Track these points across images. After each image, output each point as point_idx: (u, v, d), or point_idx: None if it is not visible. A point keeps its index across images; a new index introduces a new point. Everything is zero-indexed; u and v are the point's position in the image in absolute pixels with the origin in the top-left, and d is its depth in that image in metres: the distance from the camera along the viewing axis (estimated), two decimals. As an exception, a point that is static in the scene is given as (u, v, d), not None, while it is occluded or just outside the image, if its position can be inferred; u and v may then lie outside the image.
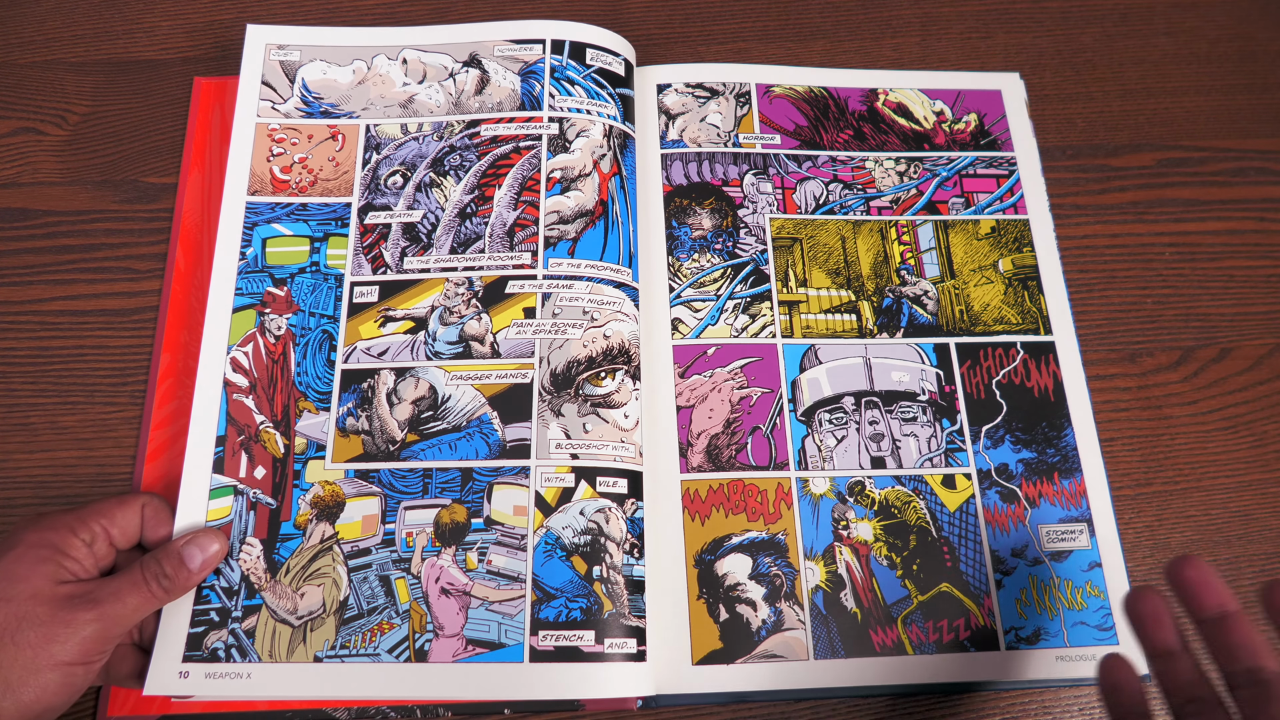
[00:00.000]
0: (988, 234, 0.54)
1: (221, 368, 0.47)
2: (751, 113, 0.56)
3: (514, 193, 0.50)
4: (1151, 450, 0.50)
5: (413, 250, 0.49)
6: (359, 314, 0.48)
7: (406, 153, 0.51)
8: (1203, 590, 0.36)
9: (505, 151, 0.51)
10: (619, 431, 0.46)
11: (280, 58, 0.54)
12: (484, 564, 0.44)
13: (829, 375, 0.50)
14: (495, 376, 0.47)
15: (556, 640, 0.42)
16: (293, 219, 0.50)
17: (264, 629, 0.43)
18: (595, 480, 0.45)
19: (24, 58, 0.57)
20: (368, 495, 0.45)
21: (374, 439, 0.46)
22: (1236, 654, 0.35)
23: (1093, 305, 0.53)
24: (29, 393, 0.49)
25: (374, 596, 0.43)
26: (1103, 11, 0.61)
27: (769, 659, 0.44)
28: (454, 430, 0.46)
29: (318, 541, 0.44)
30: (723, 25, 0.60)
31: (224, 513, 0.44)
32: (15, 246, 0.52)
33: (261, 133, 0.52)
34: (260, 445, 0.46)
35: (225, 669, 0.42)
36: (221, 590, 0.43)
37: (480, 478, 0.45)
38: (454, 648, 0.42)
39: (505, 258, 0.49)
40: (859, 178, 0.54)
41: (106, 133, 0.55)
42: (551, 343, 0.47)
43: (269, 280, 0.49)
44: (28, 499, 0.47)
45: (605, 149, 0.51)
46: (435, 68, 0.53)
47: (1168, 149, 0.57)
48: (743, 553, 0.46)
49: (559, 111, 0.52)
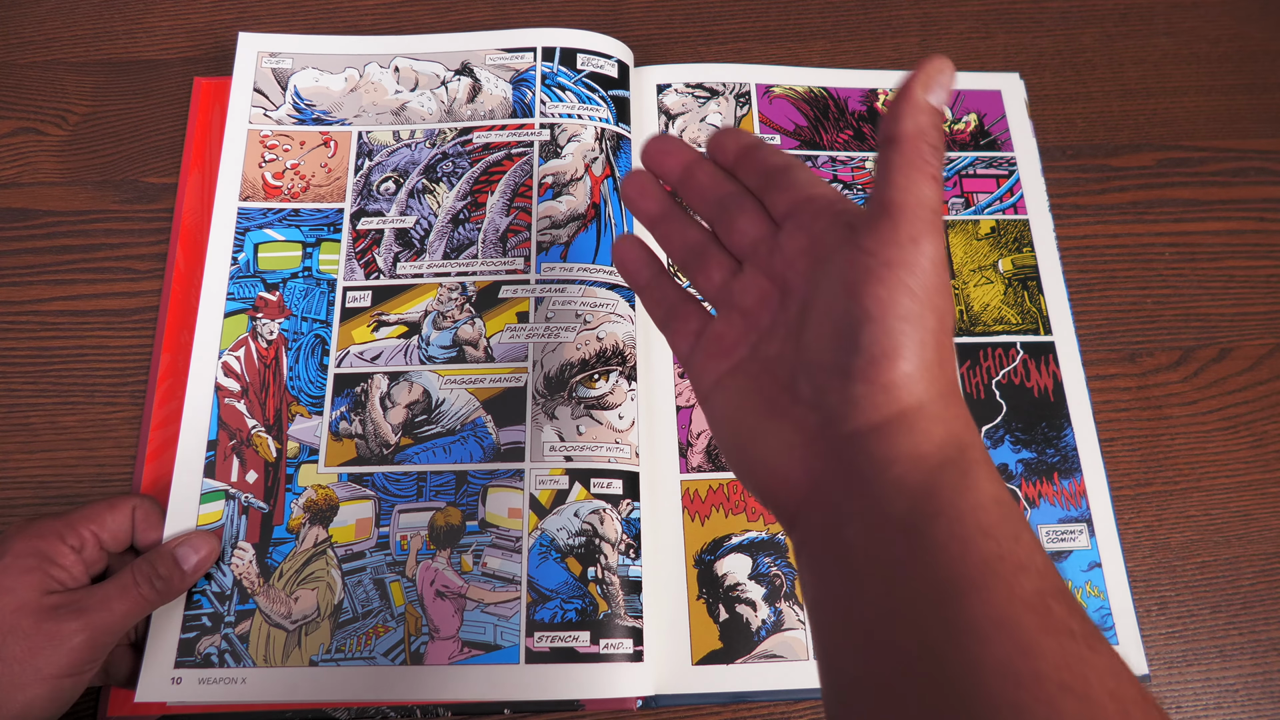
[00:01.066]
0: (987, 234, 0.53)
1: (213, 372, 0.47)
2: (751, 113, 0.56)
3: (506, 199, 0.50)
4: (1151, 450, 0.50)
5: (406, 256, 0.49)
6: (352, 318, 0.48)
7: (399, 159, 0.52)
8: (668, 158, 0.35)
9: (497, 158, 0.51)
10: (613, 433, 0.46)
11: (272, 65, 0.54)
12: (479, 566, 0.44)
13: (829, 375, 0.50)
14: (489, 380, 0.47)
15: (552, 641, 0.42)
16: (285, 224, 0.50)
17: (258, 633, 0.43)
18: (589, 482, 0.45)
19: (24, 58, 0.57)
20: (361, 499, 0.45)
21: (368, 443, 0.46)
22: (705, 194, 0.34)
23: (1093, 305, 0.53)
24: (29, 393, 0.49)
25: (369, 600, 0.43)
26: (1103, 11, 0.61)
27: (769, 659, 0.44)
28: (448, 434, 0.46)
29: (311, 545, 0.44)
30: (723, 25, 0.60)
31: (215, 517, 0.44)
32: (15, 246, 0.52)
33: (253, 139, 0.52)
34: (252, 450, 0.46)
35: (219, 674, 0.42)
36: (213, 595, 0.43)
37: (475, 480, 0.45)
38: (450, 650, 0.42)
39: (498, 263, 0.49)
40: (859, 178, 0.54)
41: (106, 133, 0.55)
42: (545, 346, 0.47)
43: (261, 285, 0.49)
44: (28, 499, 0.47)
45: (597, 152, 0.51)
46: (427, 76, 0.54)
47: (1168, 149, 0.57)
48: (743, 553, 0.46)
49: (550, 118, 0.52)
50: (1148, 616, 0.47)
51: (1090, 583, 0.46)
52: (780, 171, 0.33)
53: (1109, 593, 0.46)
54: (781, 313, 0.31)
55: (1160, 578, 0.48)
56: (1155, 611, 0.47)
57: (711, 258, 0.34)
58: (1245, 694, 0.45)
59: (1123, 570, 0.47)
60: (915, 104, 0.28)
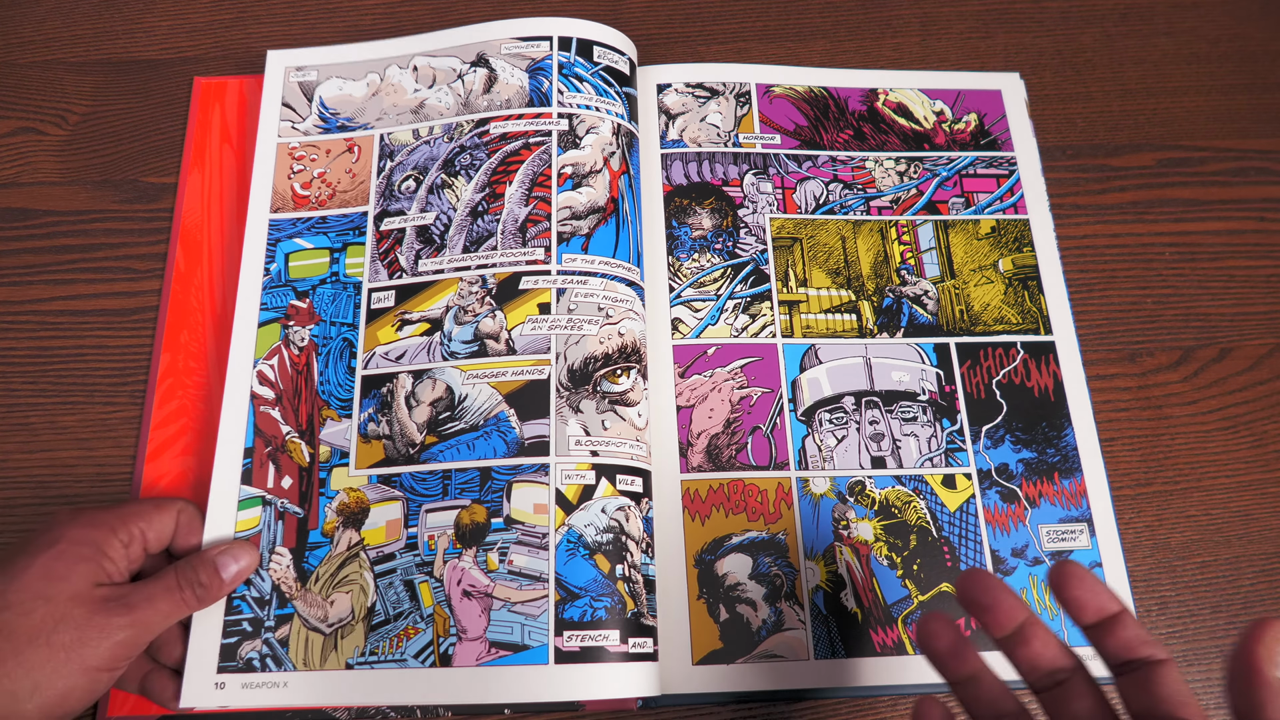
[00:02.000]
0: (988, 234, 0.54)
1: (248, 382, 0.47)
2: (751, 113, 0.56)
3: (525, 188, 0.49)
4: (1151, 450, 0.50)
5: (427, 252, 0.49)
6: (377, 319, 0.48)
7: (419, 157, 0.51)
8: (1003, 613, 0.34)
9: (515, 148, 0.50)
10: (634, 430, 0.46)
11: (299, 79, 0.54)
12: (505, 564, 0.43)
13: (829, 375, 0.50)
14: (511, 374, 0.46)
15: (582, 640, 0.41)
16: (313, 232, 0.50)
17: (297, 638, 0.42)
18: (615, 478, 0.45)
19: (24, 58, 0.57)
20: (390, 500, 0.45)
21: (394, 443, 0.46)
22: (1036, 662, 0.34)
23: (1093, 305, 0.53)
24: (29, 393, 0.49)
25: (399, 601, 0.43)
26: (1103, 11, 0.61)
27: (769, 659, 0.44)
28: (471, 430, 0.45)
29: (345, 548, 0.44)
30: (723, 25, 0.60)
31: (253, 523, 0.44)
32: (15, 246, 0.52)
33: (283, 152, 0.52)
34: (286, 455, 0.46)
35: (261, 679, 0.41)
36: (253, 600, 0.43)
37: (499, 476, 0.44)
38: (477, 651, 0.42)
39: (518, 254, 0.48)
40: (859, 178, 0.54)
41: (106, 133, 0.55)
42: (568, 338, 0.47)
43: (292, 293, 0.49)
44: (28, 499, 0.47)
45: (614, 146, 0.51)
46: (444, 70, 0.53)
47: (1168, 149, 0.57)
48: (743, 553, 0.46)
49: (568, 108, 0.51)
50: (1148, 616, 0.47)
51: (1090, 583, 0.46)
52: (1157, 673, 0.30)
53: (1109, 593, 0.46)
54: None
55: (1160, 578, 0.48)
56: (1155, 611, 0.47)
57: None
58: (1245, 694, 0.45)
59: (1123, 570, 0.47)
60: (1271, 687, 0.25)
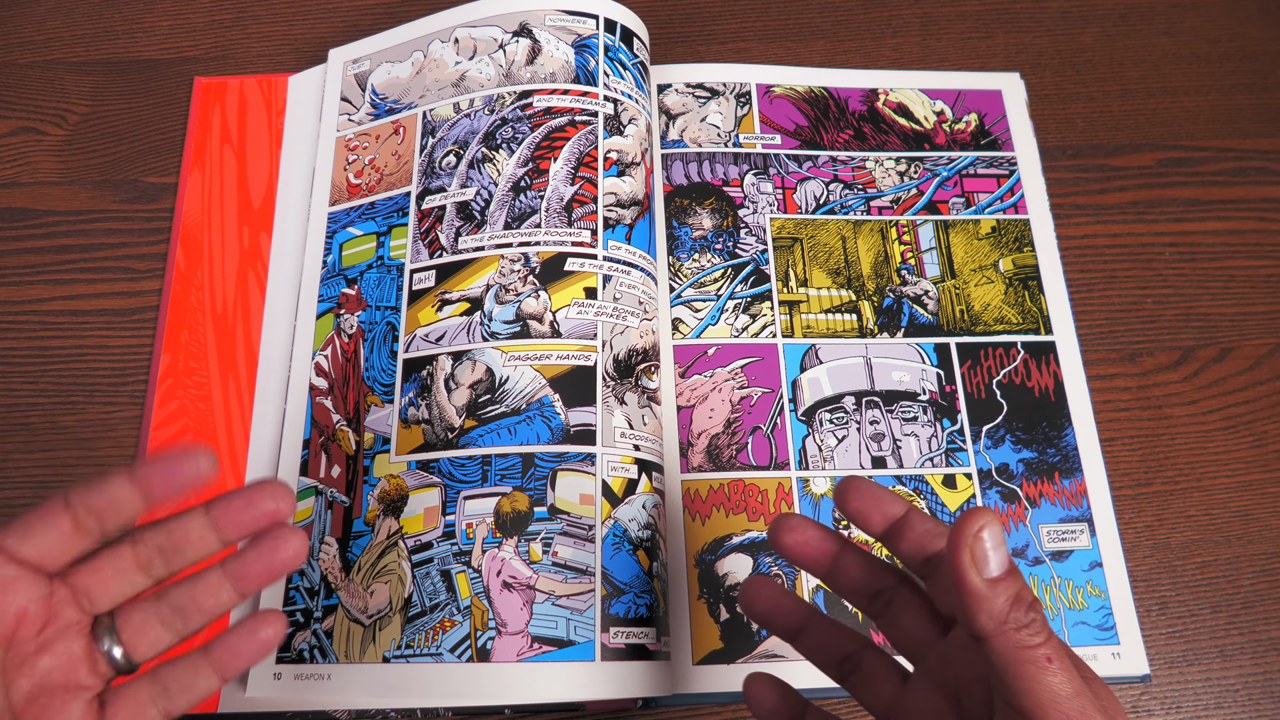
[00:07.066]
0: (988, 234, 0.54)
1: (307, 374, 0.47)
2: (752, 113, 0.56)
3: (571, 167, 0.47)
4: (1151, 450, 0.50)
5: (467, 229, 0.47)
6: (418, 301, 0.47)
7: (459, 131, 0.49)
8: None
9: (560, 124, 0.48)
10: (661, 430, 0.46)
11: (355, 71, 0.54)
12: (549, 555, 0.40)
13: (829, 375, 0.50)
14: (556, 357, 0.44)
15: (628, 638, 0.40)
16: (363, 219, 0.50)
17: (340, 629, 0.42)
18: (652, 474, 0.44)
19: (24, 58, 0.57)
20: (429, 486, 0.43)
21: (433, 427, 0.44)
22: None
23: (1093, 305, 0.53)
24: (29, 393, 0.49)
25: (436, 592, 0.41)
26: (1103, 11, 0.61)
27: (769, 659, 0.44)
28: (513, 414, 0.43)
29: (384, 537, 0.43)
30: (723, 25, 0.60)
31: (306, 514, 0.44)
32: (15, 246, 0.52)
33: (340, 145, 0.52)
34: (336, 444, 0.45)
35: (310, 670, 0.41)
36: (305, 591, 0.43)
37: (542, 463, 0.42)
38: (518, 646, 0.39)
39: (563, 233, 0.46)
40: (859, 178, 0.54)
41: (106, 133, 0.55)
42: (614, 327, 0.45)
43: (343, 282, 0.49)
44: (28, 499, 0.47)
45: (647, 143, 0.50)
46: (485, 40, 0.51)
47: (1168, 149, 0.57)
48: (743, 552, 0.46)
49: (614, 92, 0.49)
50: (1148, 616, 0.47)
51: (1091, 583, 0.46)
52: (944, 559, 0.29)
53: (1109, 593, 0.46)
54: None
55: (1161, 578, 0.48)
56: (1155, 611, 0.47)
57: (876, 669, 0.32)
58: (1246, 694, 0.45)
59: (1123, 570, 0.47)
60: (976, 594, 0.25)
